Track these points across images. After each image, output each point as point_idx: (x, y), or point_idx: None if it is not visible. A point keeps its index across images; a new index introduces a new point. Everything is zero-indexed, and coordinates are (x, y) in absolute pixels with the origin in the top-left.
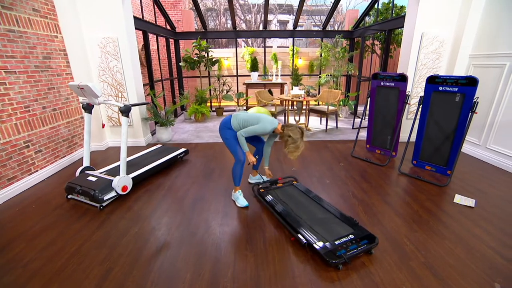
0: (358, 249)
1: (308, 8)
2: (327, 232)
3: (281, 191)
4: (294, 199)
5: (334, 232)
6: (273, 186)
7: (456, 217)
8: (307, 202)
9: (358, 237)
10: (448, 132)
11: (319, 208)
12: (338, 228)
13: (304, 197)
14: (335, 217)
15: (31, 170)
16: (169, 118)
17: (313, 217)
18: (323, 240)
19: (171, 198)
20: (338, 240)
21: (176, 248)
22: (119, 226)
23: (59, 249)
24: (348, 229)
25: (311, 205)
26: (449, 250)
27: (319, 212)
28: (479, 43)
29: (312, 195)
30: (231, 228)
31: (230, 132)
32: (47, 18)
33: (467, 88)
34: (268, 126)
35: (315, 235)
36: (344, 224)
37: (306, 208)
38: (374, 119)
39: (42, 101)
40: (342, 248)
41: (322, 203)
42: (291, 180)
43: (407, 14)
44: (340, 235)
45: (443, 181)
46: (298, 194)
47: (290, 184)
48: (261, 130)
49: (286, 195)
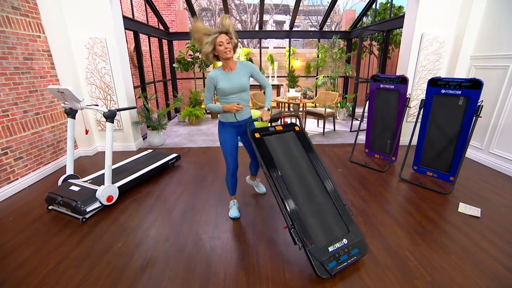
0: (348, 261)
1: (305, 8)
2: (321, 229)
3: (279, 140)
4: (292, 159)
5: (329, 231)
6: (272, 129)
7: (462, 229)
8: (306, 168)
9: (351, 243)
10: (451, 137)
11: (317, 182)
12: (334, 225)
13: (303, 159)
14: (332, 203)
15: (10, 178)
16: (161, 121)
17: (310, 197)
18: (317, 244)
19: (159, 208)
20: (332, 246)
21: (162, 266)
22: (102, 240)
23: (33, 268)
24: (343, 228)
25: (309, 176)
26: (456, 267)
27: (316, 189)
28: (481, 44)
29: (312, 155)
30: (222, 242)
31: (220, 128)
32: (29, 16)
33: (471, 91)
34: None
35: (309, 230)
36: (340, 220)
37: (304, 179)
38: (373, 122)
39: (23, 105)
40: (334, 259)
41: (321, 174)
42: (293, 124)
43: (407, 14)
44: (334, 237)
45: (445, 188)
46: (297, 151)
47: (291, 131)
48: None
49: (283, 148)
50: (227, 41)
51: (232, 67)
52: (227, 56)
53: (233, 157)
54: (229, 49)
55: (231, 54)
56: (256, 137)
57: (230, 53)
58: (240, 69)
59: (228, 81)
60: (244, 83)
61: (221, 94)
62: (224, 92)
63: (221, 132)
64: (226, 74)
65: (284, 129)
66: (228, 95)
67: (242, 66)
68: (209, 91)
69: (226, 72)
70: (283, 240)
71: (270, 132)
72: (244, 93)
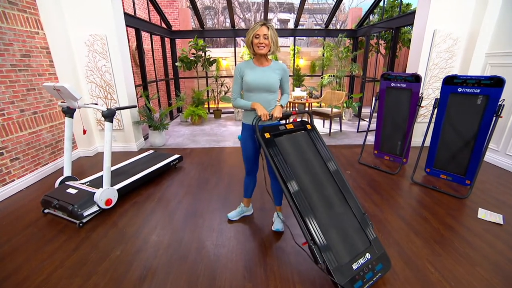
0: (373, 279)
1: (310, 7)
2: (343, 243)
3: (291, 141)
4: (307, 163)
5: (350, 245)
6: (282, 128)
7: (484, 237)
8: (321, 173)
9: (374, 257)
10: (468, 138)
11: (335, 189)
12: (355, 238)
13: (318, 162)
14: (351, 212)
15: (6, 180)
16: (163, 121)
17: (328, 207)
18: (340, 261)
19: (160, 213)
20: (356, 263)
21: (163, 276)
22: (99, 247)
23: (23, 279)
24: (365, 240)
25: (326, 182)
26: (484, 280)
27: (334, 198)
28: (497, 41)
29: (326, 158)
30: (227, 250)
31: (242, 129)
32: (26, 12)
33: (491, 89)
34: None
35: (330, 246)
36: (360, 231)
37: (321, 187)
38: (383, 122)
39: (20, 104)
40: (359, 278)
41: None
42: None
43: (418, 10)
44: (357, 252)
45: (462, 192)
46: (311, 154)
47: (302, 129)
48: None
49: (296, 151)
50: (265, 36)
51: (264, 63)
52: (259, 51)
53: (251, 162)
54: (263, 44)
55: (265, 51)
56: (266, 138)
57: (264, 50)
58: (273, 67)
59: (256, 75)
60: (272, 81)
61: (245, 89)
62: (249, 86)
63: (242, 134)
64: (255, 67)
65: (295, 127)
66: (251, 91)
67: (276, 65)
68: (237, 83)
69: (256, 66)
70: (291, 248)
71: (281, 131)
72: (271, 95)
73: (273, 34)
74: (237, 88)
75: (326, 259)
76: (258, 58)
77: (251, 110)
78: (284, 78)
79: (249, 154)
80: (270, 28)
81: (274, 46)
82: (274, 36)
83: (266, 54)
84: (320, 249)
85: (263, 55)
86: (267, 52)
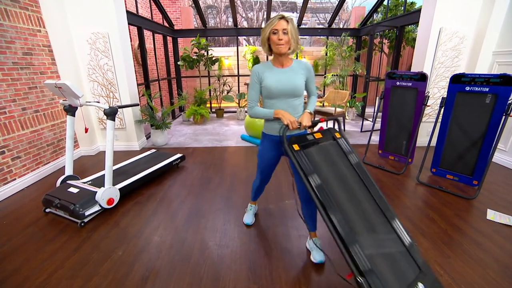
0: None
1: (313, 6)
2: (391, 271)
3: (322, 153)
4: (343, 180)
5: (400, 274)
6: (310, 138)
7: (494, 239)
8: (359, 190)
9: (427, 286)
10: (475, 138)
11: (374, 208)
12: (403, 264)
13: (353, 177)
14: (395, 234)
15: (7, 179)
16: (165, 120)
17: (370, 230)
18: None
19: (163, 212)
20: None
21: (165, 277)
22: (101, 247)
23: (23, 280)
24: (414, 267)
25: (365, 201)
26: (496, 285)
27: (375, 218)
28: (505, 39)
29: (360, 171)
30: (231, 250)
31: (261, 139)
32: (28, 10)
33: (501, 88)
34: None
35: (379, 277)
36: (407, 255)
37: (361, 208)
38: (388, 122)
39: (22, 102)
40: None
41: (376, 197)
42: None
43: (424, 8)
44: (407, 281)
45: (468, 192)
46: (344, 168)
47: (331, 139)
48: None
49: (329, 166)
50: (284, 31)
51: (285, 63)
52: (279, 49)
53: (267, 174)
54: (283, 41)
55: (284, 49)
56: (296, 150)
57: (283, 48)
58: (295, 68)
59: (278, 78)
60: (298, 84)
61: (266, 95)
62: (270, 92)
63: (262, 143)
64: (275, 69)
65: (323, 136)
66: (274, 97)
67: (299, 65)
68: (254, 89)
69: (276, 68)
70: (297, 249)
71: (309, 142)
72: (297, 100)
73: (293, 29)
74: (254, 94)
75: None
76: (277, 58)
77: (274, 120)
78: (309, 78)
79: (268, 165)
80: (290, 22)
81: (294, 43)
82: (294, 31)
83: (287, 53)
84: (370, 283)
85: (283, 54)
86: (287, 51)
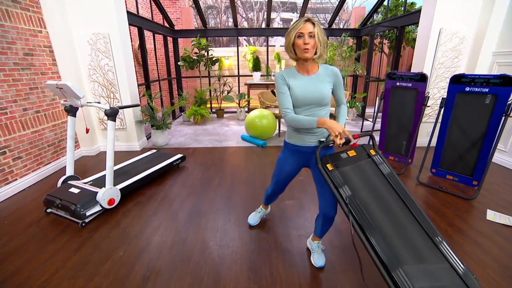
0: None
1: (313, 6)
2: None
3: (357, 172)
4: (383, 202)
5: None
6: (344, 156)
7: (494, 239)
8: (401, 213)
9: None
10: (475, 138)
11: (421, 234)
12: (446, 279)
13: (393, 199)
14: (447, 263)
15: (8, 179)
16: (165, 120)
17: (418, 258)
18: None
19: (163, 212)
20: None
21: (166, 277)
22: (101, 247)
23: (25, 280)
24: (458, 282)
25: (410, 226)
26: (496, 285)
27: (423, 246)
28: (505, 39)
29: (402, 192)
30: (232, 251)
31: (283, 148)
32: (29, 10)
33: (501, 88)
34: None
35: None
36: (449, 268)
37: (406, 234)
38: (388, 122)
39: (23, 102)
40: None
41: (421, 222)
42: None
43: (424, 8)
44: None
45: (468, 192)
46: (383, 188)
47: (367, 157)
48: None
49: (366, 186)
50: (310, 34)
51: (311, 70)
52: (305, 55)
53: (282, 184)
54: (310, 45)
55: (311, 54)
56: (330, 170)
57: (310, 53)
58: (322, 74)
59: (303, 86)
60: (325, 92)
61: None
62: (295, 101)
63: (283, 152)
64: (300, 76)
65: (357, 154)
66: (298, 106)
67: (325, 71)
68: (285, 94)
69: (301, 75)
70: (297, 249)
71: (344, 160)
72: (323, 110)
73: (320, 32)
74: (286, 100)
75: None
76: (302, 64)
77: (316, 129)
78: (337, 84)
79: (286, 176)
80: (317, 25)
81: (321, 47)
82: (321, 35)
83: (313, 58)
84: None
85: (309, 59)
86: (313, 56)
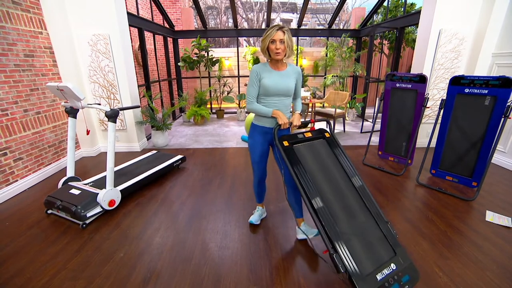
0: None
1: (313, 7)
2: (366, 252)
3: (310, 149)
4: (327, 173)
5: (374, 255)
6: (301, 136)
7: (493, 240)
8: (343, 182)
9: (400, 268)
10: (474, 139)
11: (356, 198)
12: (378, 248)
13: (338, 171)
14: (374, 221)
15: (9, 180)
16: (165, 121)
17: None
18: (363, 271)
19: (164, 214)
20: (380, 273)
21: (167, 279)
22: (102, 249)
23: (26, 281)
24: (389, 250)
25: (348, 192)
26: (494, 286)
27: (356, 206)
28: (504, 41)
29: (346, 166)
30: (232, 252)
31: (251, 131)
32: (30, 12)
33: (500, 90)
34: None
35: (352, 255)
36: (384, 241)
37: (342, 196)
38: (388, 123)
39: (23, 104)
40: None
41: (359, 189)
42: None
43: (423, 9)
44: (381, 262)
45: (468, 194)
46: (331, 163)
47: (321, 138)
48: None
49: (315, 160)
50: (281, 41)
51: (281, 67)
52: (277, 57)
53: (261, 166)
54: (281, 49)
55: (281, 56)
56: (285, 146)
57: (280, 55)
58: (289, 72)
59: (275, 79)
60: (291, 86)
61: (262, 93)
62: (267, 91)
63: (251, 136)
64: (272, 71)
65: (313, 136)
66: (270, 95)
67: (292, 70)
68: (254, 86)
69: (273, 70)
70: (297, 250)
71: (299, 139)
72: (288, 99)
73: (288, 39)
74: (254, 91)
75: (348, 268)
76: (274, 62)
77: (269, 118)
78: (298, 82)
79: (260, 156)
80: (286, 33)
81: (289, 50)
82: (289, 40)
83: (283, 59)
84: (342, 257)
85: (280, 60)
86: (283, 57)
